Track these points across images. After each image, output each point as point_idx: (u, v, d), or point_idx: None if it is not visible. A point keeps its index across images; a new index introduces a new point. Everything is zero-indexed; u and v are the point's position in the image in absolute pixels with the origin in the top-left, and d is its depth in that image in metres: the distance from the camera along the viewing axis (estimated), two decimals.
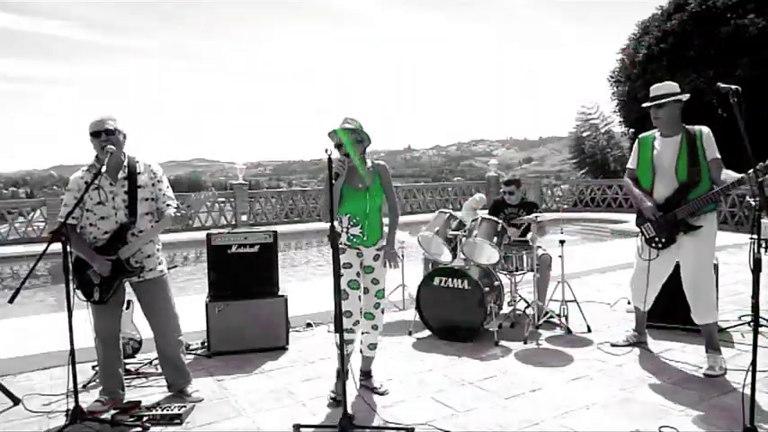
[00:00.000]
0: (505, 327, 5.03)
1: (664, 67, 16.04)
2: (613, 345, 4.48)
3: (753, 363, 2.84)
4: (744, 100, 2.94)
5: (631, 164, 4.21)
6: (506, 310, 5.24)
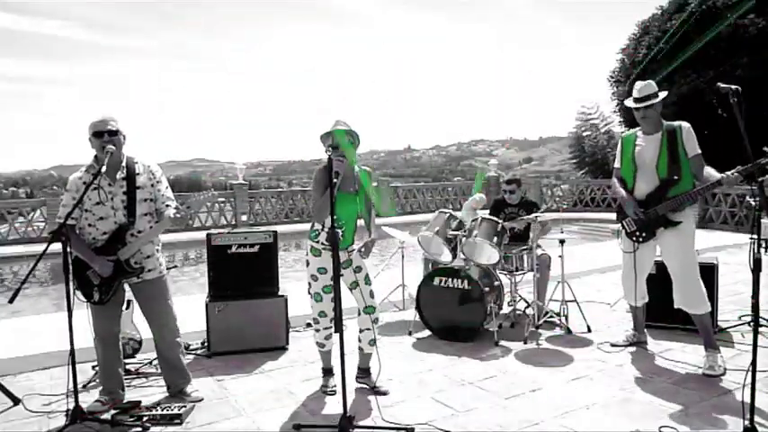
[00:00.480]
0: (505, 327, 5.03)
1: (664, 67, 16.04)
2: (613, 345, 4.48)
3: (753, 363, 2.84)
4: (744, 100, 2.96)
5: (617, 163, 4.28)
6: (506, 310, 5.24)
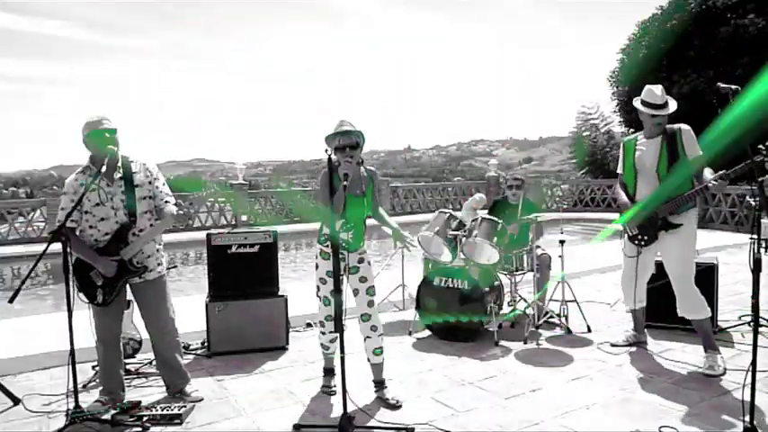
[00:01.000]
0: (505, 327, 5.03)
1: (664, 67, 16.03)
2: (613, 345, 4.48)
3: (753, 363, 2.84)
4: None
5: (619, 169, 4.28)
6: (506, 310, 5.23)
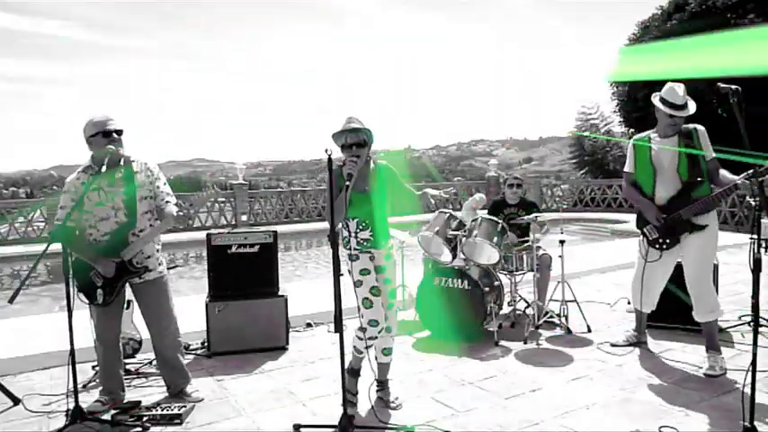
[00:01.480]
0: (505, 327, 5.03)
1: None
2: (613, 345, 4.48)
3: (753, 363, 2.84)
4: (744, 100, 2.95)
5: (628, 168, 4.16)
6: (506, 310, 5.24)
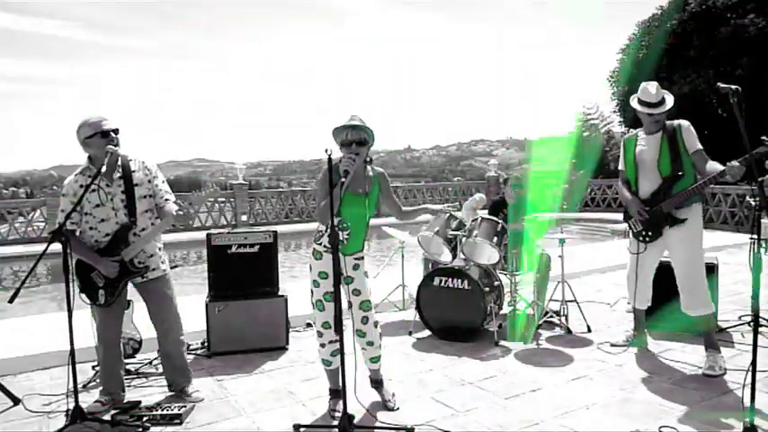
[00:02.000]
0: (505, 327, 5.03)
1: (664, 67, 16.05)
2: (613, 345, 4.48)
3: (753, 363, 2.84)
4: (744, 100, 2.95)
5: (621, 165, 4.29)
6: (506, 310, 5.23)
